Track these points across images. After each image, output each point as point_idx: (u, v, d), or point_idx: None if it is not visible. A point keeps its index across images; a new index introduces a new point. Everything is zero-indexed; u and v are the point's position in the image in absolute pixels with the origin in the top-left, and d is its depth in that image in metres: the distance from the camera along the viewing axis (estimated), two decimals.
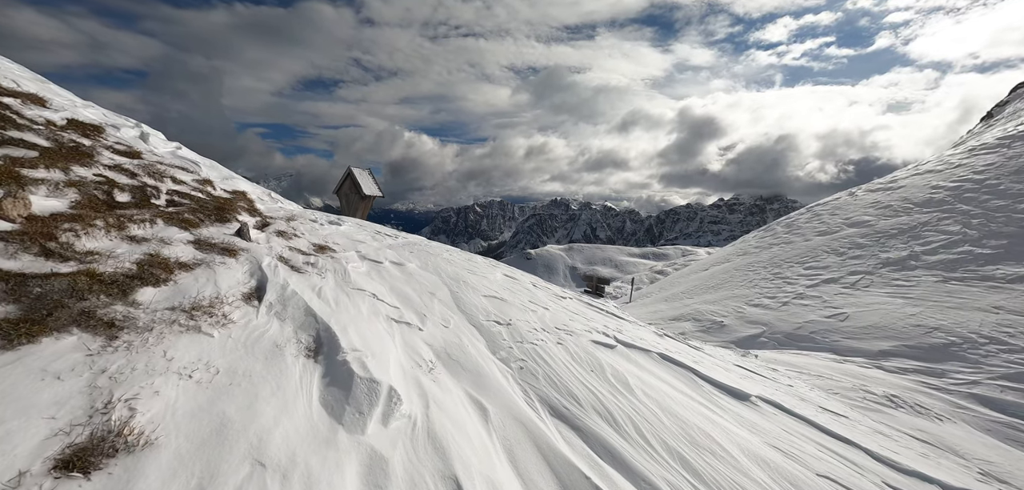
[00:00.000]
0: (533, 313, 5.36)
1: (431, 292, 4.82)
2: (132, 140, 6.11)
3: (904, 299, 15.51)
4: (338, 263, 4.59)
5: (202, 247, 3.30)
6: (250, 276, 3.16)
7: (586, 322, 6.21)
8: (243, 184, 6.84)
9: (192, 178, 5.42)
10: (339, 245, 5.64)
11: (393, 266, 5.45)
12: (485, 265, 7.90)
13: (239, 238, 3.84)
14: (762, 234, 27.37)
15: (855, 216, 22.54)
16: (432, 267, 6.06)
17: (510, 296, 5.86)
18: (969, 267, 15.90)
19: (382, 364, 2.61)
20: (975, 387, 11.26)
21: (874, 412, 10.23)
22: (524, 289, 6.81)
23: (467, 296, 5.07)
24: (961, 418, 10.51)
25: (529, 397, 3.32)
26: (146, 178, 4.29)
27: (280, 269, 3.48)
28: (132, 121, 9.17)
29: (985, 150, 21.79)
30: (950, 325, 13.54)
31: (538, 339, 4.38)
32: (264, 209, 6.03)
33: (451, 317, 4.28)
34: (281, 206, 7.00)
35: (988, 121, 30.88)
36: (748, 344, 15.80)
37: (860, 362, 13.16)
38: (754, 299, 19.10)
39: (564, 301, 7.47)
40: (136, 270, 2.49)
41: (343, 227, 7.12)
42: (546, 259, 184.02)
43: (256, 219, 4.98)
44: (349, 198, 13.88)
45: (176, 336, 2.12)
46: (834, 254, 20.26)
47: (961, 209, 18.72)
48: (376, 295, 3.93)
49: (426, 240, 9.21)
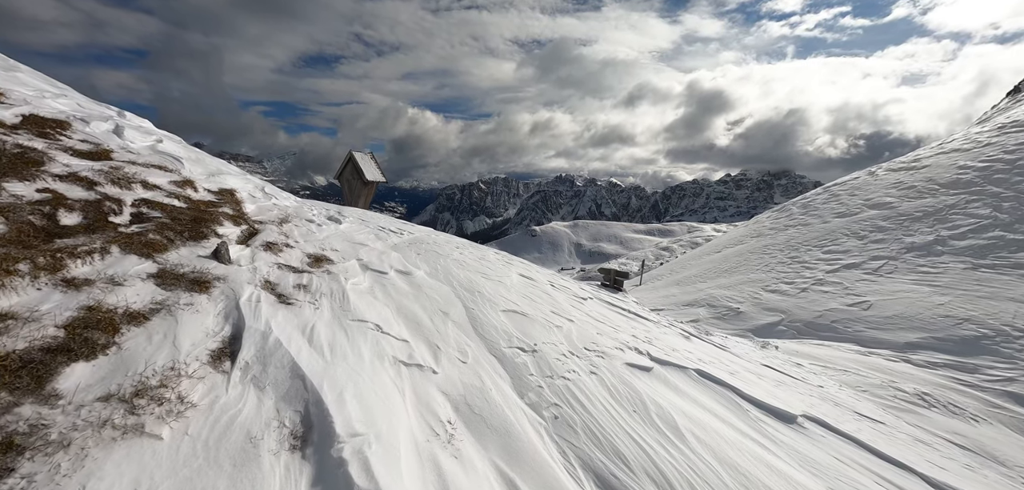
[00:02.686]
0: (558, 330, 4.74)
1: (444, 311, 4.20)
2: (103, 135, 5.43)
3: (931, 287, 14.81)
4: (336, 280, 3.96)
5: (166, 281, 2.67)
6: (224, 319, 2.54)
7: (614, 333, 5.60)
8: (232, 180, 6.18)
9: (169, 180, 4.76)
10: (338, 252, 5.00)
11: (399, 277, 4.82)
12: (499, 264, 7.26)
13: (215, 261, 3.21)
14: (777, 214, 26.53)
15: (876, 197, 21.66)
16: (442, 273, 5.43)
17: (530, 307, 5.23)
18: (1000, 253, 15.13)
19: (390, 452, 2.00)
20: (1010, 385, 10.67)
21: (907, 413, 9.68)
22: (544, 295, 6.19)
23: (484, 313, 4.45)
24: (997, 418, 9.95)
25: (569, 462, 2.73)
26: (108, 187, 3.64)
27: (263, 305, 2.85)
28: (114, 110, 8.46)
29: (1016, 128, 20.73)
30: (981, 316, 12.87)
31: (569, 371, 3.77)
32: (253, 211, 5.38)
33: (468, 345, 3.67)
34: (275, 202, 6.35)
35: (1015, 95, 29.57)
36: (766, 333, 15.21)
37: (886, 355, 12.57)
38: (771, 284, 18.44)
39: (585, 305, 6.85)
40: (63, 338, 1.86)
41: (344, 226, 6.47)
42: (551, 236, 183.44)
43: (241, 228, 4.34)
44: (351, 184, 13.19)
45: (106, 449, 1.51)
46: (855, 237, 19.48)
47: (991, 191, 17.83)
48: (380, 326, 3.30)
49: (433, 234, 8.56)
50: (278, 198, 6.93)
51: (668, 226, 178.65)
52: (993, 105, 32.46)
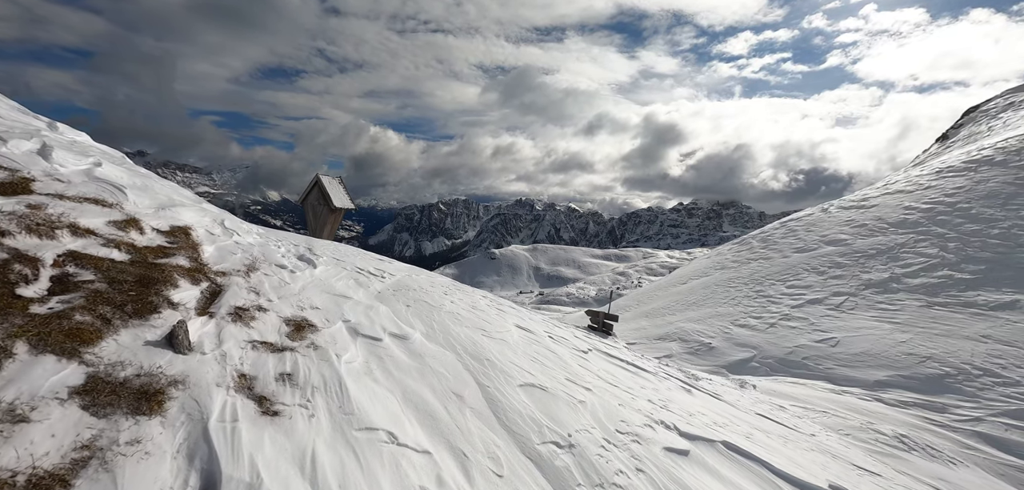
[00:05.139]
0: (581, 406, 4.11)
1: (457, 393, 3.47)
2: (24, 158, 4.37)
3: (891, 324, 15.37)
4: (326, 359, 3.16)
5: (98, 401, 1.83)
6: (187, 464, 1.73)
7: (632, 400, 5.03)
8: (186, 214, 5.19)
9: (107, 220, 3.80)
10: (319, 311, 4.17)
11: (395, 343, 4.05)
12: (494, 313, 6.57)
13: (170, 350, 2.38)
14: (738, 247, 27.33)
15: (831, 234, 22.68)
16: (441, 334, 4.69)
17: (543, 375, 4.58)
18: (951, 292, 15.98)
19: None
20: (978, 425, 10.98)
21: (892, 457, 9.70)
22: (549, 353, 5.55)
23: (501, 391, 3.76)
24: (972, 460, 10.14)
25: None
26: (21, 238, 2.71)
27: (241, 424, 2.06)
28: (43, 121, 7.18)
29: (952, 173, 22.42)
30: (942, 354, 13.38)
31: (616, 472, 3.14)
32: (213, 255, 4.45)
33: (497, 446, 2.97)
34: (236, 240, 5.39)
35: (944, 141, 32.28)
36: (739, 369, 15.24)
37: (858, 393, 12.76)
38: (739, 319, 18.68)
39: (590, 360, 6.26)
40: None
41: (319, 270, 5.60)
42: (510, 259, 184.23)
43: (201, 287, 3.45)
44: (316, 211, 12.12)
45: None
46: (814, 273, 20.18)
47: (936, 232, 19.01)
48: (395, 435, 2.55)
49: (415, 274, 7.77)
50: (239, 233, 5.94)
51: (625, 252, 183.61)
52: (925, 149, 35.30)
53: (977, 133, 29.54)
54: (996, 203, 19.21)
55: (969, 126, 31.22)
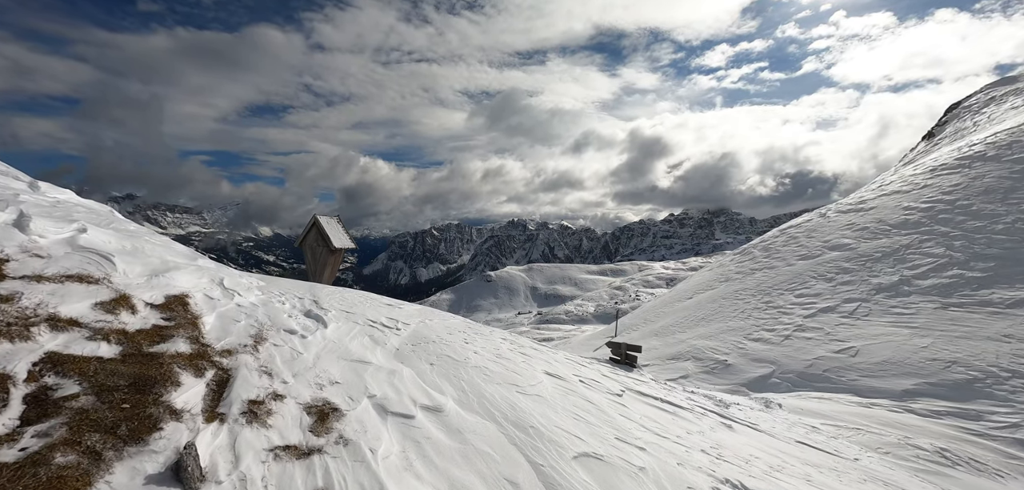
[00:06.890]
0: (642, 472, 3.62)
1: (511, 480, 2.98)
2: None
3: (909, 329, 15.02)
4: (362, 463, 2.66)
5: None
6: None
7: (686, 453, 4.55)
8: (182, 278, 4.69)
9: (93, 301, 3.30)
10: (341, 387, 3.67)
11: (430, 419, 3.55)
12: (519, 359, 6.08)
13: (178, 484, 1.88)
14: (740, 257, 27.06)
15: (833, 239, 22.48)
16: (475, 399, 4.19)
17: (591, 437, 4.09)
18: (964, 292, 15.72)
19: None
20: (1017, 431, 10.57)
21: (938, 475, 9.21)
22: (587, 404, 5.06)
23: (557, 469, 3.26)
24: (1018, 470, 9.68)
25: None
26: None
27: None
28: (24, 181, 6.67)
29: (946, 170, 22.45)
30: (966, 358, 13.01)
31: None
32: (216, 330, 3.95)
33: None
34: (238, 304, 4.89)
35: (930, 139, 32.60)
36: (760, 386, 14.73)
37: (887, 405, 12.30)
38: (752, 333, 18.24)
39: (629, 407, 5.77)
40: None
41: (330, 330, 5.09)
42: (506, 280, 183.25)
43: (205, 379, 2.95)
44: (315, 252, 11.61)
45: None
46: (822, 280, 19.89)
47: (940, 231, 18.87)
48: None
49: (428, 320, 7.26)
50: (240, 292, 5.43)
51: (620, 266, 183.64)
52: (912, 148, 35.61)
53: (963, 129, 29.88)
54: (996, 198, 19.16)
55: (954, 122, 31.61)
